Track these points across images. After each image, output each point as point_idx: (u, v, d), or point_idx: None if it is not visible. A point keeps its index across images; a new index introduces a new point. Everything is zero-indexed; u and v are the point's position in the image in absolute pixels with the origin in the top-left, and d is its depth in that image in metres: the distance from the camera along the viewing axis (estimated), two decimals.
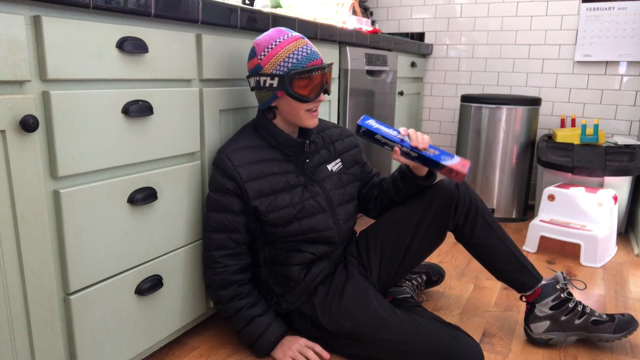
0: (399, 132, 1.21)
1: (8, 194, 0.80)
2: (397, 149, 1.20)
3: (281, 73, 1.12)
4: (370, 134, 1.22)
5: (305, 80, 1.12)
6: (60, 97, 0.85)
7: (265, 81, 1.13)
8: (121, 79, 0.97)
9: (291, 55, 1.12)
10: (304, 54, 1.13)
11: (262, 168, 1.16)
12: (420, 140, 1.19)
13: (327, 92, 1.18)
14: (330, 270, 1.29)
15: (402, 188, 1.31)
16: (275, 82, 1.12)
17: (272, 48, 1.13)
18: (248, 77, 1.18)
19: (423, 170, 1.26)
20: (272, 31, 1.16)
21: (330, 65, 1.17)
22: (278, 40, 1.13)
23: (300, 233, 1.20)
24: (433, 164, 1.19)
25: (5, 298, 0.82)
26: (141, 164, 1.06)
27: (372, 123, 1.22)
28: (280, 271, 1.24)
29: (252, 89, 1.18)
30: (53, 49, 0.83)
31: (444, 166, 1.17)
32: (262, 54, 1.13)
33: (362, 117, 1.24)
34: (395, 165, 2.51)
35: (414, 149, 1.18)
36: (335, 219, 1.25)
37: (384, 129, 1.21)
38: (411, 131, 1.21)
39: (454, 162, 1.17)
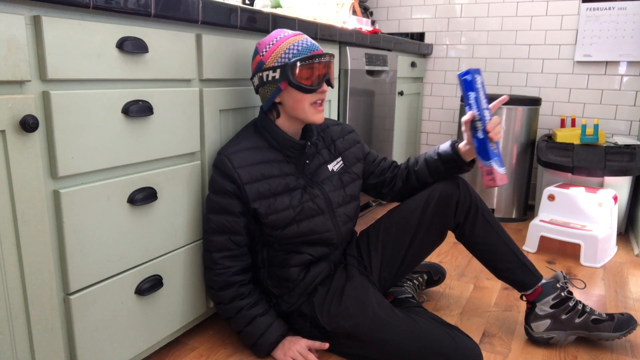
0: (488, 109, 1.20)
1: (8, 194, 0.80)
2: (471, 116, 1.19)
3: (283, 64, 1.13)
4: (468, 86, 1.20)
5: (307, 69, 1.13)
6: (60, 97, 0.85)
7: (268, 75, 1.15)
8: (121, 79, 0.97)
9: (292, 47, 1.13)
10: (304, 45, 1.15)
11: (262, 170, 1.16)
12: (497, 130, 1.18)
13: (329, 83, 1.18)
14: (329, 271, 1.29)
15: (443, 171, 1.30)
16: (277, 74, 1.13)
17: (273, 44, 1.15)
18: (252, 77, 1.20)
19: (471, 155, 1.26)
20: (273, 32, 1.19)
21: (331, 55, 1.17)
22: (278, 37, 1.16)
23: (299, 235, 1.20)
24: (483, 155, 1.18)
25: (5, 298, 0.82)
26: (141, 164, 1.06)
27: (478, 80, 1.20)
28: (279, 273, 1.24)
29: (257, 87, 1.19)
30: (53, 49, 0.83)
31: (490, 165, 1.16)
32: (264, 50, 1.15)
33: (476, 69, 1.21)
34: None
35: (485, 131, 1.17)
36: (334, 220, 1.25)
37: (481, 94, 1.20)
38: (495, 118, 1.20)
39: (499, 169, 1.17)
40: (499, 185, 1.16)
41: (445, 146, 1.30)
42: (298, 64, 1.12)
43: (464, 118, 1.21)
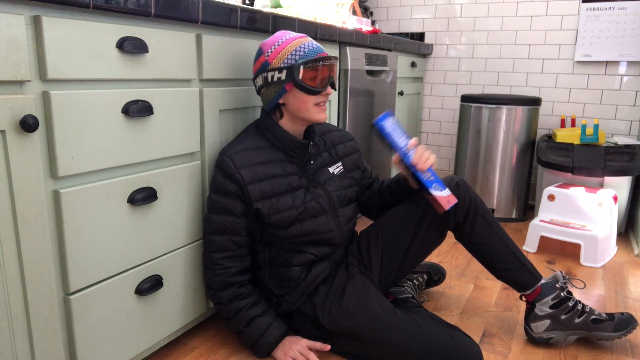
0: (407, 144, 1.23)
1: (8, 194, 0.80)
2: (396, 158, 1.24)
3: (289, 65, 1.13)
4: (380, 135, 1.24)
5: (313, 71, 1.14)
6: (60, 97, 0.85)
7: (273, 76, 1.15)
8: (121, 79, 0.97)
9: (298, 49, 1.14)
10: (311, 47, 1.16)
11: (264, 170, 1.16)
12: (422, 160, 1.20)
13: (333, 86, 1.19)
14: (331, 270, 1.29)
15: (399, 195, 1.36)
16: (283, 75, 1.14)
17: (279, 45, 1.15)
18: (255, 77, 1.20)
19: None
20: (276, 33, 1.20)
21: (335, 57, 1.19)
22: (284, 38, 1.16)
23: (302, 234, 1.20)
24: (422, 187, 1.22)
25: (5, 298, 0.82)
26: (141, 164, 1.06)
27: (387, 125, 1.23)
28: (280, 272, 1.24)
29: (260, 88, 1.19)
30: (53, 49, 0.83)
31: (430, 194, 1.20)
32: (269, 51, 1.15)
33: (384, 114, 1.24)
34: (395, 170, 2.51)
35: (412, 166, 1.21)
36: (337, 220, 1.25)
37: (395, 136, 1.23)
38: (420, 147, 1.22)
39: (441, 194, 1.20)
40: (449, 208, 1.21)
41: (399, 175, 1.35)
42: (305, 65, 1.12)
43: (392, 160, 1.25)
